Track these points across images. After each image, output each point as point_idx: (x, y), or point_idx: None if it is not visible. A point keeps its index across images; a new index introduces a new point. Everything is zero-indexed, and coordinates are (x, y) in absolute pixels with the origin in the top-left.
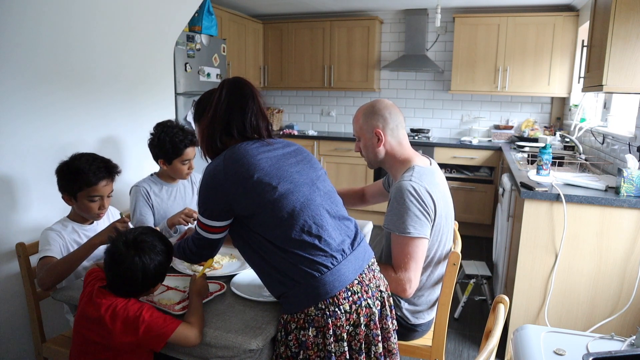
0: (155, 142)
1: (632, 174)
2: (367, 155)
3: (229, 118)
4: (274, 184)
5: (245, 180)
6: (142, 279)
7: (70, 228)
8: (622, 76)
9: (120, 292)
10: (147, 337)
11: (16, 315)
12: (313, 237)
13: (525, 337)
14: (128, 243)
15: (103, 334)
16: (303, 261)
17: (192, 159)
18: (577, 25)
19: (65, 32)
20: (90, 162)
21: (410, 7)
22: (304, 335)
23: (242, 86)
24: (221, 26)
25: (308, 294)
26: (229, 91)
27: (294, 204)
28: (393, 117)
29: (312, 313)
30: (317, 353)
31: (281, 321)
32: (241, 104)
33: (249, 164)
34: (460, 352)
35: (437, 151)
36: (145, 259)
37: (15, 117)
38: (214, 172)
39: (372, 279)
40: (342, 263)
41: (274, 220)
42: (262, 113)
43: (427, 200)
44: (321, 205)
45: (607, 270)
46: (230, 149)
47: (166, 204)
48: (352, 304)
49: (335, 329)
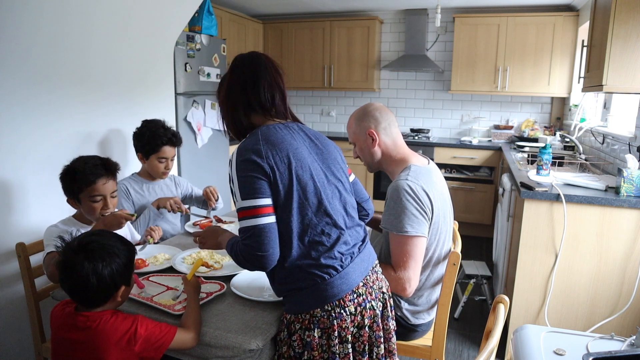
0: (137, 134)
1: (632, 174)
2: (364, 158)
3: (246, 93)
4: (305, 180)
5: (283, 167)
6: (97, 283)
7: (75, 229)
8: (622, 76)
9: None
10: (146, 351)
11: (16, 315)
12: (331, 239)
13: (525, 337)
14: (75, 248)
15: (96, 355)
16: (315, 263)
17: (169, 158)
18: (577, 25)
19: (64, 32)
20: (86, 162)
21: (410, 7)
22: (308, 336)
23: (253, 59)
24: (221, 26)
25: (316, 296)
26: (241, 66)
27: (317, 203)
28: (384, 117)
29: (318, 314)
30: (322, 354)
31: (284, 321)
32: (254, 78)
33: (287, 151)
34: (460, 352)
35: (437, 151)
36: (96, 262)
37: (14, 117)
38: (252, 150)
39: (375, 281)
40: (350, 266)
41: (294, 217)
42: (276, 84)
43: (424, 199)
44: (340, 208)
45: (607, 271)
46: (264, 129)
47: (147, 200)
48: (357, 306)
49: (340, 331)
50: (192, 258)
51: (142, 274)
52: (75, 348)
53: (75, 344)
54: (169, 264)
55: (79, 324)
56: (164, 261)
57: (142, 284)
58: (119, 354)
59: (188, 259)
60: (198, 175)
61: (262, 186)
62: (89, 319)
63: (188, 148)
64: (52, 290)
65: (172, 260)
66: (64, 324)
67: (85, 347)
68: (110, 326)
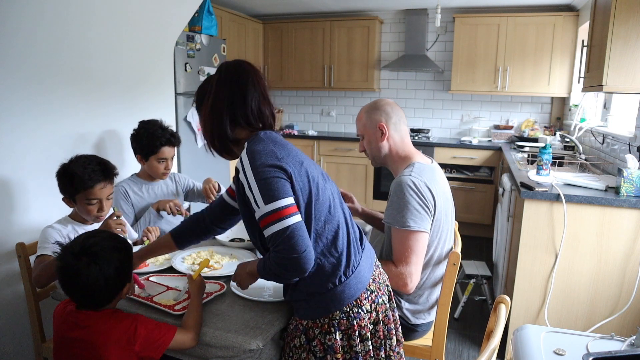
0: (135, 136)
1: (632, 174)
2: (370, 151)
3: (233, 107)
4: (317, 180)
5: (298, 165)
6: (105, 285)
7: (71, 227)
8: (622, 76)
9: (91, 307)
10: (145, 350)
11: (16, 315)
12: (343, 239)
13: (525, 337)
14: (76, 253)
15: (95, 354)
16: (333, 264)
17: (169, 159)
18: (577, 25)
19: (64, 31)
20: (85, 166)
21: (410, 7)
22: (329, 339)
23: (241, 71)
24: (221, 26)
25: (334, 299)
26: (227, 78)
27: (327, 204)
28: (395, 112)
29: (337, 317)
30: (344, 355)
31: (300, 327)
32: (242, 92)
33: (295, 150)
34: (460, 352)
35: (437, 151)
36: (101, 263)
37: (14, 116)
38: (264, 151)
39: (380, 275)
40: (360, 265)
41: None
42: (265, 98)
43: (427, 195)
44: (340, 207)
45: (607, 271)
46: (265, 133)
47: (147, 202)
48: (371, 303)
49: (360, 330)
50: (192, 258)
51: (142, 274)
52: (76, 346)
53: (75, 342)
54: (169, 264)
55: (80, 322)
56: (164, 261)
57: (142, 284)
58: (119, 352)
59: (188, 259)
60: (198, 175)
61: (285, 186)
62: (89, 317)
63: (188, 148)
64: (52, 290)
65: (172, 260)
66: (65, 322)
67: (85, 345)
68: (110, 325)
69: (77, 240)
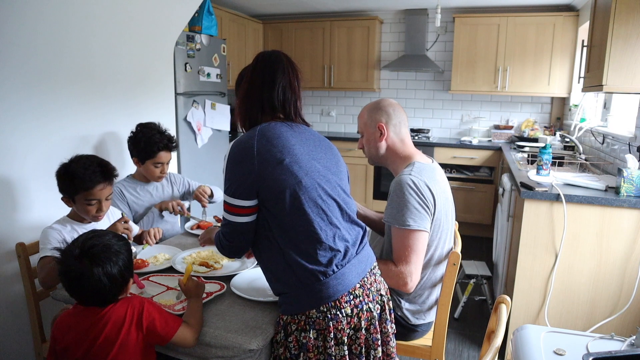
0: (132, 139)
1: (632, 174)
2: (368, 150)
3: (262, 93)
4: (300, 176)
5: (275, 161)
6: (110, 284)
7: (70, 227)
8: (622, 76)
9: (98, 304)
10: (152, 334)
11: (16, 315)
12: (328, 239)
13: (525, 337)
14: (78, 256)
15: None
16: (311, 261)
17: (165, 163)
18: (577, 25)
19: (64, 32)
20: (85, 167)
21: (410, 7)
22: (304, 337)
23: (274, 59)
24: (221, 26)
25: (311, 296)
26: (261, 65)
27: (314, 200)
28: (397, 114)
29: (314, 315)
30: (317, 356)
31: (281, 322)
32: (272, 77)
33: (283, 147)
34: (460, 352)
35: (437, 151)
36: (104, 264)
37: (15, 117)
38: (244, 146)
39: (373, 283)
40: (346, 267)
41: (289, 212)
42: (291, 87)
43: (427, 194)
44: (337, 208)
45: (607, 270)
46: (264, 126)
47: (142, 201)
48: (353, 308)
49: (336, 332)
50: (192, 258)
51: (142, 274)
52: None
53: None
54: (169, 264)
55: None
56: (164, 261)
57: (142, 284)
58: (126, 336)
59: (188, 259)
60: (198, 175)
61: (246, 190)
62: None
63: (188, 148)
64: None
65: (172, 260)
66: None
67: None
68: (117, 309)
69: (76, 243)
